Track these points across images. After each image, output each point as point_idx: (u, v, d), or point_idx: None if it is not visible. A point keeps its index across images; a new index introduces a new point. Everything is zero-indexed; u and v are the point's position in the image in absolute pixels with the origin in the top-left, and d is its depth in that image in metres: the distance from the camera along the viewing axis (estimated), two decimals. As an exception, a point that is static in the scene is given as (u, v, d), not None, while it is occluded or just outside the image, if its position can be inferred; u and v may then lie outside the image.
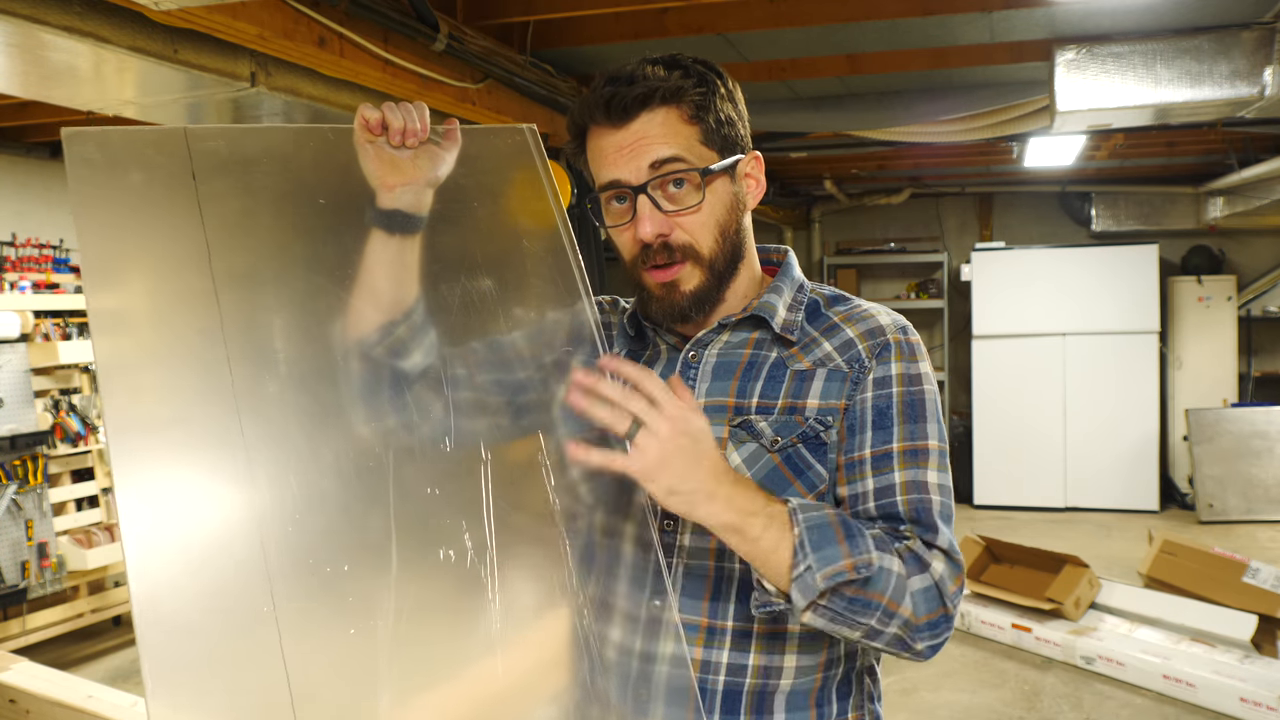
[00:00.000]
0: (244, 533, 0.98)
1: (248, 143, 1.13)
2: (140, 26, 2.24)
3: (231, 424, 0.99)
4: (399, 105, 1.09)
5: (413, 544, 1.04)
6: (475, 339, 1.17)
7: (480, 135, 1.19)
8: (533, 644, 1.10)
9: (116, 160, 1.02)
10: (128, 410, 0.96)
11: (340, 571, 1.01)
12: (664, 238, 1.09)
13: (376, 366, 1.11)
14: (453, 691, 1.06)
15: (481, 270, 1.17)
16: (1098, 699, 3.99)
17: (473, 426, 1.12)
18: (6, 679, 2.31)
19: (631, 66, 1.10)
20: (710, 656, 1.10)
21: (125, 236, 1.03)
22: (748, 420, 1.11)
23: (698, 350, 1.16)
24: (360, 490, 1.05)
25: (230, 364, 1.01)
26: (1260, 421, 6.77)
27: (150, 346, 1.03)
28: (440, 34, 2.78)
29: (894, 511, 1.06)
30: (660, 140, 1.08)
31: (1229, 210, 6.79)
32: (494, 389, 1.16)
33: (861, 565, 0.98)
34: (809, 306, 1.17)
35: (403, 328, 1.12)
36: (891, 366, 1.10)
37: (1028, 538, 5.58)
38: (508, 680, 1.06)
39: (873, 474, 1.07)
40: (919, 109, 4.26)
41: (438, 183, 1.13)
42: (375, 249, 1.11)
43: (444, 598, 1.08)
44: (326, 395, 1.09)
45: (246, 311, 1.06)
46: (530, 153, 1.22)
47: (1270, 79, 3.17)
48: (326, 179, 1.14)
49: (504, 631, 1.06)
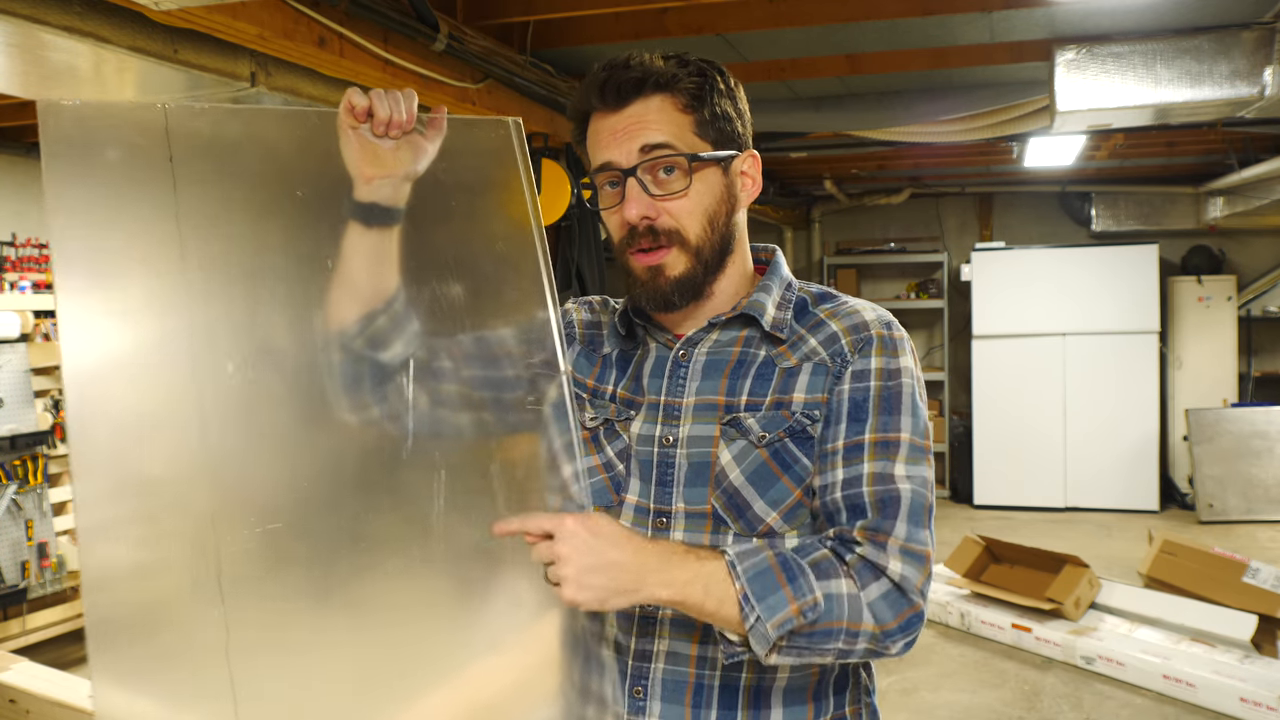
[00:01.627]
0: (196, 532, 0.98)
1: (230, 124, 1.11)
2: (140, 26, 2.24)
3: (192, 418, 0.99)
4: (388, 94, 1.08)
5: (373, 539, 1.06)
6: (437, 339, 1.18)
7: (464, 127, 1.18)
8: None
9: (93, 137, 1.00)
10: (91, 405, 0.96)
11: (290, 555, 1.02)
12: (649, 221, 1.11)
13: (356, 358, 1.11)
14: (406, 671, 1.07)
15: (449, 272, 1.16)
16: (1098, 699, 3.99)
17: (420, 426, 1.14)
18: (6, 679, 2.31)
19: (631, 54, 1.12)
20: (706, 652, 1.10)
21: (97, 220, 1.01)
22: (737, 418, 1.11)
23: (687, 349, 1.17)
24: (324, 484, 1.06)
25: (194, 356, 1.01)
26: (1260, 421, 6.77)
27: (116, 337, 1.01)
28: (440, 34, 2.78)
29: (859, 503, 1.06)
30: (653, 125, 1.10)
31: (1229, 210, 6.79)
32: (457, 391, 1.17)
33: (808, 609, 1.00)
34: (797, 304, 1.18)
35: (383, 318, 1.12)
36: (872, 360, 1.11)
37: (1028, 538, 5.58)
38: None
39: (843, 465, 1.08)
40: (919, 109, 4.27)
41: (417, 175, 1.13)
42: (353, 241, 1.11)
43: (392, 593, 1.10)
44: (297, 386, 1.10)
45: (218, 302, 1.05)
46: (512, 148, 1.21)
47: (1270, 79, 3.17)
48: (307, 166, 1.13)
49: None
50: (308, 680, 1.04)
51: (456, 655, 1.15)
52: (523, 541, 1.00)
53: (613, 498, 1.15)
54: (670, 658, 1.11)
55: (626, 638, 1.12)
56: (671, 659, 1.11)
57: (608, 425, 1.18)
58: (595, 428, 1.19)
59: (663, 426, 1.14)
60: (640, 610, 1.11)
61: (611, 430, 1.17)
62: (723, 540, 1.10)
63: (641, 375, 1.18)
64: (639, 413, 1.16)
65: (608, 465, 1.17)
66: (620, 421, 1.17)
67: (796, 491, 1.09)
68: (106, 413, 0.97)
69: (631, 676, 1.12)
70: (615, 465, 1.16)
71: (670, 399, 1.15)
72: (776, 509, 1.09)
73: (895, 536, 1.04)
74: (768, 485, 1.09)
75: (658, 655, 1.11)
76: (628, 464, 1.15)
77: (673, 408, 1.14)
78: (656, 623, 1.11)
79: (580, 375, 1.23)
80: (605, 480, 1.16)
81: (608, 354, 1.23)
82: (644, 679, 1.11)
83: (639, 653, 1.12)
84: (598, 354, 1.24)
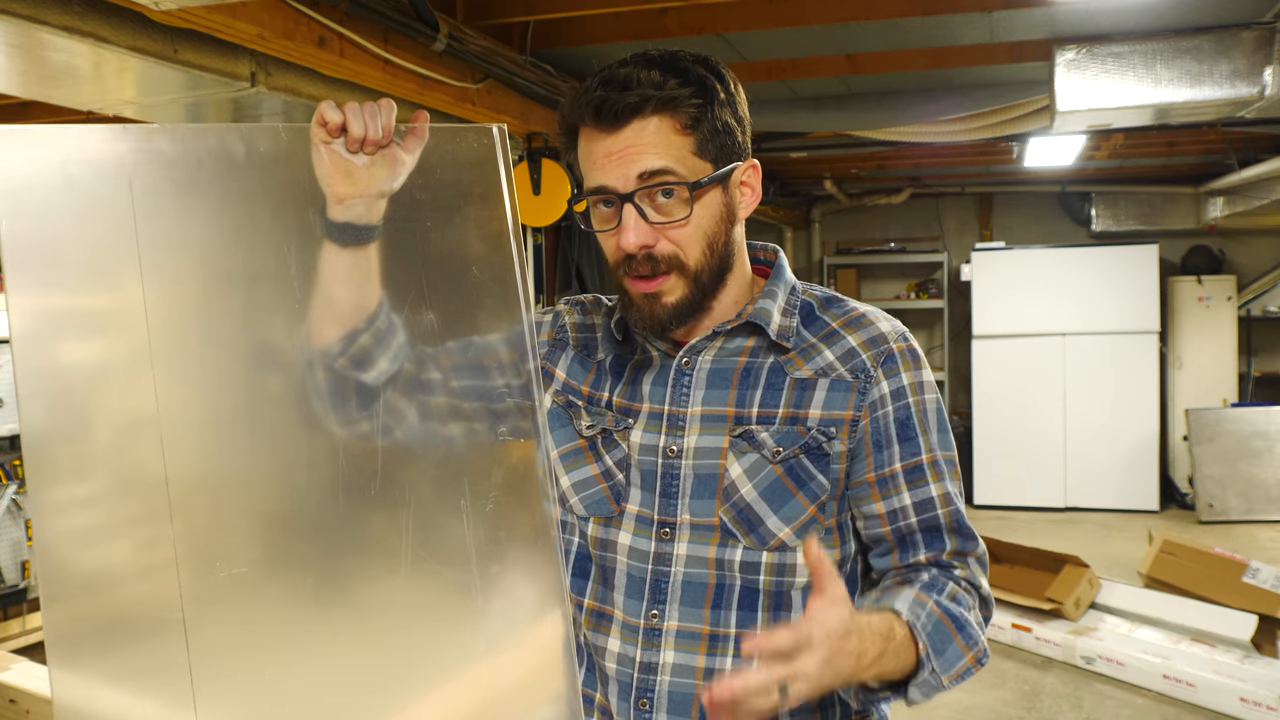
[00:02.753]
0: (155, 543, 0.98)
1: (194, 143, 1.03)
2: (140, 26, 2.24)
3: (153, 450, 0.98)
4: (364, 108, 1.00)
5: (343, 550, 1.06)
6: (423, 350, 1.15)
7: (446, 135, 1.10)
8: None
9: (51, 164, 0.94)
10: (45, 427, 0.93)
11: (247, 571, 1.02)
12: (648, 249, 1.06)
13: (340, 377, 1.07)
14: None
15: (424, 293, 1.11)
16: (1098, 699, 3.99)
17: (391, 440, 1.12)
18: (6, 679, 2.31)
19: (627, 69, 1.04)
20: (714, 664, 1.09)
21: (53, 251, 0.96)
22: (749, 430, 1.10)
23: (691, 357, 1.14)
24: (295, 495, 1.06)
25: (155, 385, 0.98)
26: (1260, 421, 6.77)
27: (71, 364, 0.97)
28: (440, 34, 2.78)
29: (936, 524, 1.10)
30: (651, 150, 1.03)
31: (1229, 210, 6.79)
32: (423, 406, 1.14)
33: (982, 656, 1.06)
34: (803, 310, 1.15)
35: (366, 335, 1.07)
36: (902, 377, 1.11)
37: (1028, 538, 5.58)
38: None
39: (908, 488, 1.10)
40: (919, 109, 4.27)
41: (393, 192, 1.04)
42: (329, 260, 1.03)
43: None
44: (261, 416, 1.07)
45: (178, 331, 1.02)
46: (495, 158, 1.14)
47: (1270, 79, 3.17)
48: (275, 186, 1.06)
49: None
50: (282, 689, 1.05)
51: (413, 678, 1.15)
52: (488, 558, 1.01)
53: (613, 508, 1.14)
54: (677, 670, 1.10)
55: (631, 649, 1.11)
56: (678, 671, 1.10)
57: (605, 434, 1.16)
58: (592, 436, 1.17)
59: (666, 436, 1.12)
60: (645, 622, 1.10)
61: (610, 439, 1.15)
62: (729, 554, 1.08)
63: (640, 382, 1.16)
64: (638, 421, 1.14)
65: (606, 474, 1.15)
66: (619, 430, 1.15)
67: (810, 508, 1.08)
68: (66, 421, 0.95)
69: (637, 689, 1.11)
70: (614, 474, 1.14)
71: (674, 408, 1.13)
72: (790, 525, 1.08)
73: (977, 554, 1.12)
74: (781, 501, 1.08)
75: (664, 668, 1.10)
76: (627, 473, 1.14)
77: (676, 417, 1.12)
78: (661, 635, 1.10)
79: (574, 381, 1.20)
80: (604, 490, 1.15)
81: (602, 360, 1.20)
82: (650, 691, 1.10)
83: (644, 665, 1.11)
84: (592, 359, 1.21)
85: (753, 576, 1.09)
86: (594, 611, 1.15)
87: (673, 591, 1.10)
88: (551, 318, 1.27)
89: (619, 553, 1.13)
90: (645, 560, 1.11)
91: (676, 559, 1.10)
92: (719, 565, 1.09)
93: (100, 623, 0.95)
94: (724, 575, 1.09)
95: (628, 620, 1.12)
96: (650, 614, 1.10)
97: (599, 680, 1.15)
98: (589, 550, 1.16)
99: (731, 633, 1.09)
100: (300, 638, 1.07)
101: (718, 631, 1.09)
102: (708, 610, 1.09)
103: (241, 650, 1.02)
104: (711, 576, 1.09)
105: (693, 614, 1.09)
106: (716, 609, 1.09)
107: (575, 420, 1.18)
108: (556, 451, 1.19)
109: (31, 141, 0.95)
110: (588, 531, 1.16)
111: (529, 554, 1.09)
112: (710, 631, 1.09)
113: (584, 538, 1.16)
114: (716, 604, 1.09)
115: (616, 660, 1.12)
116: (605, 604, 1.14)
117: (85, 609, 0.94)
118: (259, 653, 1.03)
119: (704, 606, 1.09)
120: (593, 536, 1.15)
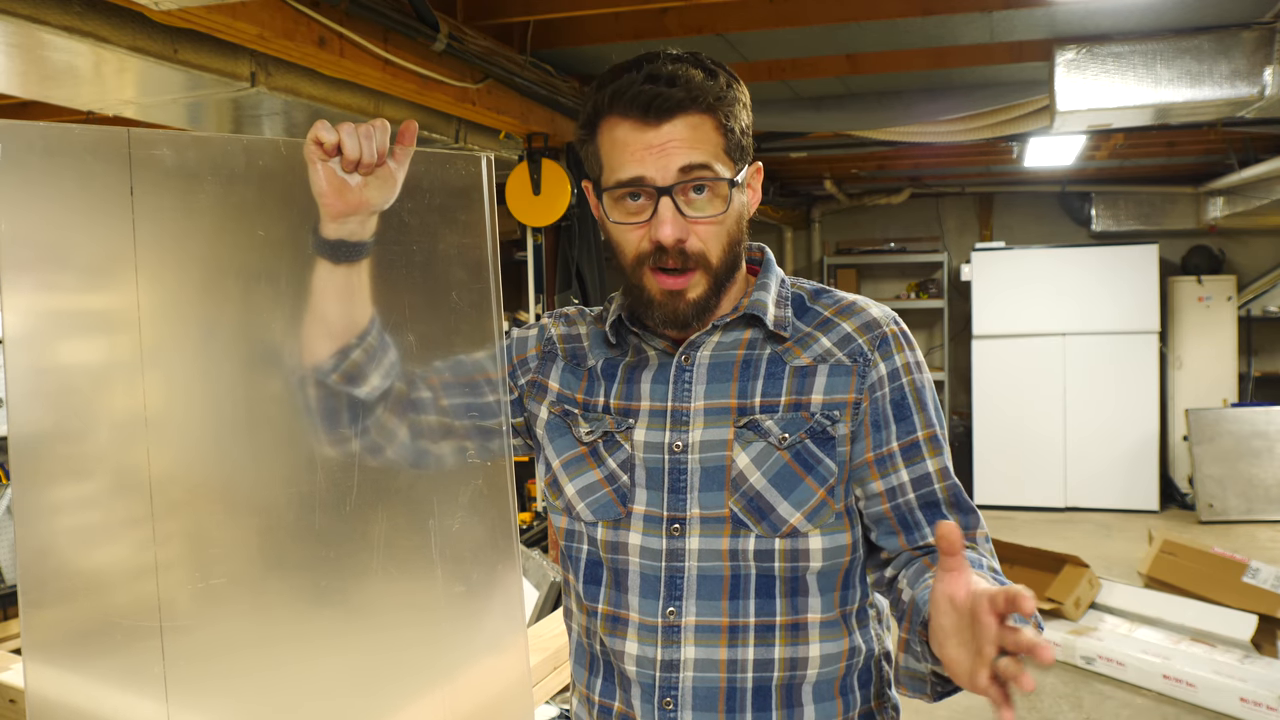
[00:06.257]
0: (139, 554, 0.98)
1: (194, 153, 1.05)
2: (140, 26, 2.24)
3: (139, 459, 0.98)
4: (359, 129, 1.04)
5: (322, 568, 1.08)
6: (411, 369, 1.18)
7: (437, 161, 1.15)
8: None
9: (52, 165, 0.96)
10: (34, 435, 0.94)
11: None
12: (681, 243, 1.08)
13: (332, 393, 1.11)
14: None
15: (405, 314, 1.15)
16: (1098, 699, 3.99)
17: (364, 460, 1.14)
18: (6, 679, 2.31)
19: (670, 66, 1.06)
20: (735, 655, 1.09)
21: (51, 253, 0.97)
22: (754, 420, 1.11)
23: (690, 352, 1.15)
24: (283, 503, 1.07)
25: (145, 394, 0.99)
26: (1260, 421, 6.77)
27: (64, 369, 0.98)
28: (440, 34, 2.78)
29: (934, 499, 1.11)
30: (692, 145, 1.06)
31: (1229, 210, 6.78)
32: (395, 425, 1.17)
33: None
34: (794, 301, 1.18)
35: (358, 351, 1.11)
36: (896, 358, 1.13)
37: (1028, 538, 5.58)
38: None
39: (905, 465, 1.11)
40: (919, 109, 4.27)
41: (385, 208, 1.10)
42: (321, 277, 1.09)
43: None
44: (252, 422, 1.09)
45: (170, 340, 1.04)
46: (481, 186, 1.19)
47: (1270, 79, 3.17)
48: (272, 199, 1.09)
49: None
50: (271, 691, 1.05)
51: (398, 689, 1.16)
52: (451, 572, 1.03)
53: (619, 510, 1.14)
54: (699, 665, 1.10)
55: (651, 650, 1.11)
56: (701, 666, 1.10)
57: (607, 437, 1.16)
58: (593, 442, 1.17)
59: (671, 433, 1.13)
60: (664, 620, 1.11)
61: (612, 441, 1.16)
62: (742, 544, 1.09)
63: (637, 382, 1.17)
64: (639, 420, 1.15)
65: (610, 478, 1.15)
66: (620, 432, 1.16)
67: (820, 492, 1.09)
68: (56, 423, 0.96)
69: (660, 689, 1.11)
70: (619, 477, 1.15)
71: (677, 404, 1.14)
72: (800, 510, 1.09)
73: (981, 529, 1.12)
74: (791, 487, 1.09)
75: (685, 664, 1.10)
76: (632, 474, 1.14)
77: (680, 413, 1.13)
78: (680, 631, 1.10)
79: (568, 390, 1.21)
80: (609, 493, 1.15)
81: (592, 366, 1.21)
82: (674, 689, 1.10)
83: (665, 663, 1.11)
84: (582, 368, 1.22)
85: (767, 564, 1.09)
86: (609, 616, 1.15)
87: (688, 587, 1.10)
88: (537, 332, 1.28)
89: (630, 554, 1.13)
90: (658, 558, 1.12)
91: (689, 554, 1.11)
92: (733, 556, 1.10)
93: (81, 627, 0.95)
94: (738, 566, 1.10)
95: (644, 620, 1.12)
96: (667, 611, 1.11)
97: (618, 685, 1.15)
98: (599, 556, 1.16)
99: (751, 622, 1.10)
100: (282, 641, 1.08)
101: (737, 622, 1.10)
102: (725, 602, 1.10)
103: (221, 656, 1.03)
104: (726, 568, 1.10)
105: (710, 607, 1.10)
106: (734, 600, 1.10)
107: (574, 428, 1.19)
108: (559, 461, 1.19)
109: (31, 141, 0.96)
110: (597, 536, 1.16)
111: (490, 575, 1.15)
112: (729, 623, 1.10)
113: (593, 544, 1.16)
114: (734, 595, 1.10)
115: (636, 662, 1.12)
116: (620, 607, 1.14)
117: (68, 612, 0.94)
118: (239, 658, 1.04)
119: (721, 599, 1.10)
120: (602, 541, 1.15)
